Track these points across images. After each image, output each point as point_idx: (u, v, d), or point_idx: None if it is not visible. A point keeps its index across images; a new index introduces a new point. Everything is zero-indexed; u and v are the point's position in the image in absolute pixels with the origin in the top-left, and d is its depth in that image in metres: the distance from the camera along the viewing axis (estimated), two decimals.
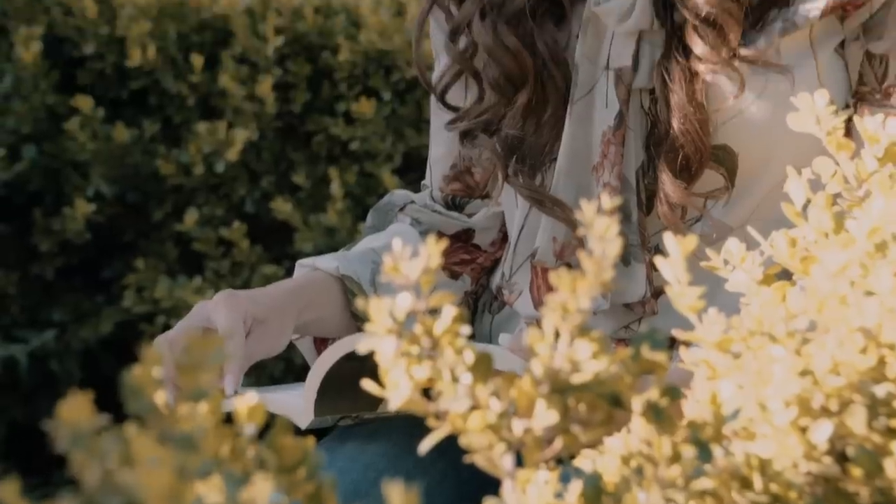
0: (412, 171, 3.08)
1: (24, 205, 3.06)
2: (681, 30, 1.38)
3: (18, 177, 3.03)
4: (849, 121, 1.25)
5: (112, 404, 0.73)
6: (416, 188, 1.63)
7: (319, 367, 1.30)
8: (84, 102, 3.00)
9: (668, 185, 1.38)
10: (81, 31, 3.06)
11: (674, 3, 1.38)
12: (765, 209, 1.41)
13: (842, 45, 1.40)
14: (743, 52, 1.37)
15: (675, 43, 1.38)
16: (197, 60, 3.03)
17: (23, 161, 3.03)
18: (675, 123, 1.37)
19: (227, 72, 3.03)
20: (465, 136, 1.49)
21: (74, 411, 0.60)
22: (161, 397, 0.64)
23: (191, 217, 3.01)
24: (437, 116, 1.55)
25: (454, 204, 1.58)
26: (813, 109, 0.93)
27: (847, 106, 1.40)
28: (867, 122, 0.92)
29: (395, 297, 0.76)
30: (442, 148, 1.57)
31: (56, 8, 3.08)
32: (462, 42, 1.48)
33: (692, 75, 1.37)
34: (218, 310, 1.37)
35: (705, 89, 1.37)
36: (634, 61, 1.39)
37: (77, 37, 3.07)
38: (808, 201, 0.90)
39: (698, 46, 1.36)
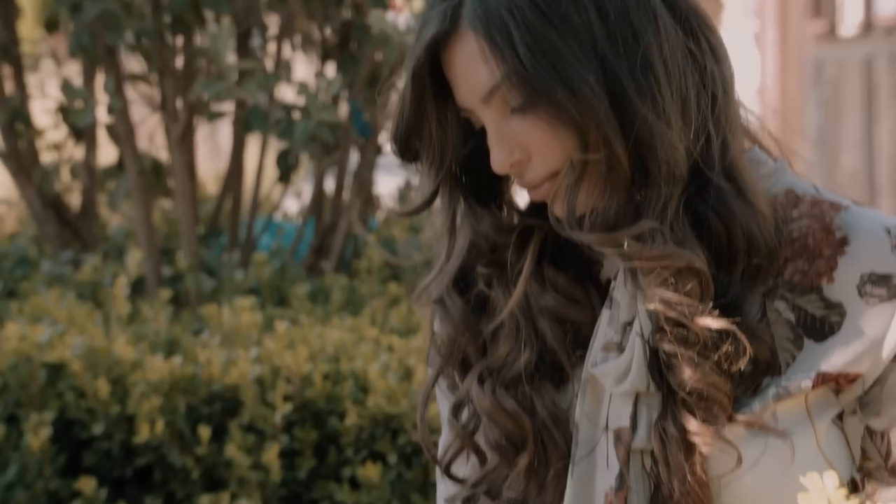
0: None
1: None
2: (676, 393, 1.38)
3: None
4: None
5: None
6: None
7: None
8: (87, 485, 2.96)
9: None
10: (92, 411, 3.06)
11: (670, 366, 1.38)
12: None
13: (840, 416, 1.39)
14: (739, 417, 1.36)
15: (672, 405, 1.38)
16: (204, 432, 3.02)
17: None
18: (677, 485, 1.36)
19: (233, 441, 3.01)
20: (468, 502, 1.47)
21: None
22: None
23: None
24: (444, 483, 1.54)
25: None
26: (824, 492, 0.90)
27: (853, 480, 1.39)
28: None
29: None
30: None
31: (69, 392, 3.08)
32: (464, 415, 1.48)
33: (689, 446, 1.37)
34: None
35: (703, 460, 1.36)
36: (633, 422, 1.39)
37: (87, 418, 3.06)
38: None
39: (691, 423, 1.36)
